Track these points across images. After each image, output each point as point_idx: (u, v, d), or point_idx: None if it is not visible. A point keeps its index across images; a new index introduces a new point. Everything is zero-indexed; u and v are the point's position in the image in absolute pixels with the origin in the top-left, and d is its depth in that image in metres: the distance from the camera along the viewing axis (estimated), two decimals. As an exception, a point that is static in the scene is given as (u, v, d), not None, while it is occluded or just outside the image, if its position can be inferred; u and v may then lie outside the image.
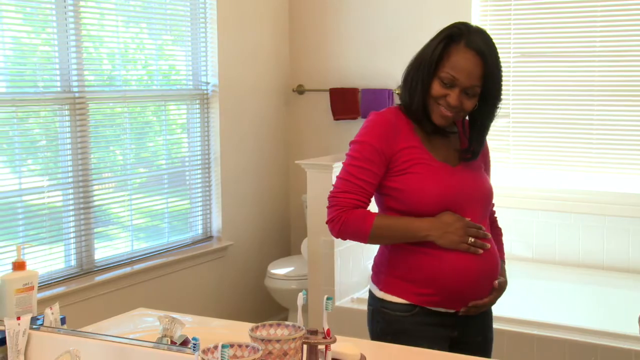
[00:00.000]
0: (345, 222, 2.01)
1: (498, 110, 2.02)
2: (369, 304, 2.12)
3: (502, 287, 2.06)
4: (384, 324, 2.09)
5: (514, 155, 3.81)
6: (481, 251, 1.97)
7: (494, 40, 1.96)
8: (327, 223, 2.05)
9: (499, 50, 1.97)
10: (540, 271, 3.70)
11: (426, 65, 1.96)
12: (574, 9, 3.65)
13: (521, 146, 3.82)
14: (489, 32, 1.99)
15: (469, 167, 2.04)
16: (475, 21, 3.63)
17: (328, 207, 2.05)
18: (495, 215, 2.21)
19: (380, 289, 2.06)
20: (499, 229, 2.20)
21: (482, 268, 1.98)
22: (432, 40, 1.97)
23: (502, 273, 2.09)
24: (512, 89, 3.76)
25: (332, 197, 2.04)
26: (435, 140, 2.03)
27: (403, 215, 2.00)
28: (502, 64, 1.97)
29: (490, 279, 2.01)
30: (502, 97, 2.00)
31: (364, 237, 2.01)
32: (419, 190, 1.98)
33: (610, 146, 3.63)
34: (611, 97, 3.60)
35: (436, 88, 1.94)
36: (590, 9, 3.61)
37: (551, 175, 3.76)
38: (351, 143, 2.06)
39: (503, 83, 1.99)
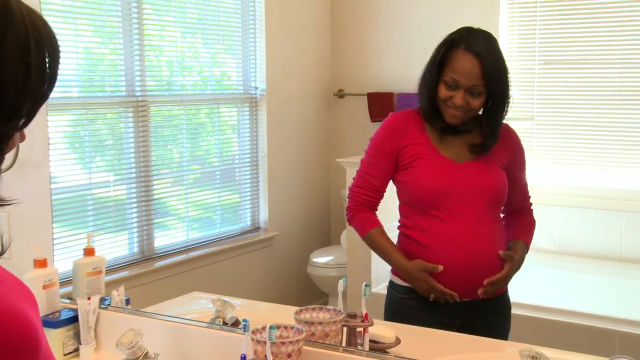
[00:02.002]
0: (352, 217, 2.09)
1: (508, 105, 1.98)
2: None
3: (514, 262, 2.00)
4: (389, 302, 2.11)
5: (537, 155, 3.78)
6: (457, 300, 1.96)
7: (519, 45, 1.94)
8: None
9: (522, 56, 1.95)
10: (561, 262, 3.67)
11: (431, 71, 1.96)
12: (594, 20, 3.61)
13: (545, 147, 3.79)
14: (515, 40, 1.98)
15: (480, 164, 2.00)
16: (502, 30, 3.61)
17: (347, 198, 2.12)
18: (530, 208, 2.15)
19: (391, 271, 2.09)
20: (526, 219, 2.14)
21: (470, 262, 1.95)
22: (436, 48, 1.97)
23: (517, 251, 2.04)
24: (536, 93, 3.73)
25: (350, 190, 2.11)
26: (447, 139, 2.01)
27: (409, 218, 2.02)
28: (524, 69, 1.95)
29: (482, 271, 1.96)
30: (510, 93, 1.97)
31: (361, 237, 2.09)
32: (416, 183, 1.99)
33: (628, 147, 3.59)
34: (629, 101, 3.56)
35: (442, 91, 1.94)
36: (608, 21, 3.57)
37: (572, 173, 3.72)
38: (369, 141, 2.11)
39: (527, 87, 1.97)
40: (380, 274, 2.16)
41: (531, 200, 2.16)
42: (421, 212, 2.00)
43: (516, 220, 2.11)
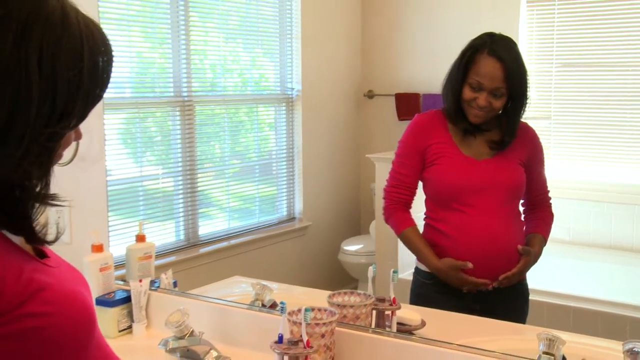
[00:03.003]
0: (389, 217, 2.09)
1: (526, 105, 1.97)
2: None
3: (530, 257, 1.99)
4: (413, 286, 2.12)
5: (554, 152, 3.74)
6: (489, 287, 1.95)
7: (538, 49, 1.94)
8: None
9: (540, 59, 1.94)
10: (576, 252, 3.64)
11: (456, 74, 1.96)
12: (609, 25, 3.56)
13: (561, 144, 3.75)
14: (534, 44, 1.97)
15: (498, 161, 1.99)
16: (522, 35, 3.57)
17: (383, 199, 2.11)
18: (549, 202, 2.12)
19: (417, 258, 2.09)
20: (545, 213, 2.11)
21: (489, 250, 1.94)
22: (461, 52, 1.97)
23: (535, 245, 2.02)
24: (553, 94, 3.69)
25: (385, 190, 2.10)
26: (469, 138, 2.01)
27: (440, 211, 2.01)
28: (542, 72, 1.94)
29: (500, 259, 1.96)
30: (528, 94, 1.96)
31: (397, 235, 2.08)
32: (439, 180, 2.00)
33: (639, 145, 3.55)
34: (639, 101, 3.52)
35: (467, 92, 1.94)
36: (622, 25, 3.52)
37: (587, 169, 3.68)
38: (398, 143, 2.10)
39: (544, 88, 1.96)
40: (406, 261, 2.16)
41: (550, 195, 2.14)
42: (444, 205, 2.01)
43: (535, 214, 2.09)
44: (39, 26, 0.89)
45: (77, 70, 0.94)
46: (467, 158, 1.99)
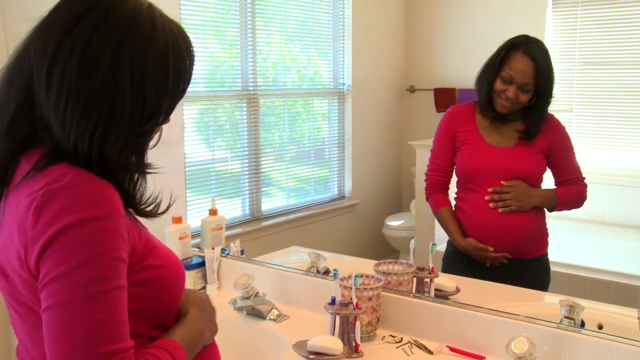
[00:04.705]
0: (428, 197, 2.10)
1: (551, 101, 1.94)
2: None
3: (517, 186, 1.92)
4: (445, 255, 2.10)
5: (575, 140, 3.46)
6: (504, 260, 1.93)
7: (561, 49, 1.90)
8: None
9: (564, 58, 1.91)
10: (593, 229, 3.56)
11: (492, 66, 1.93)
12: (626, 27, 3.46)
13: (582, 134, 3.66)
14: (558, 45, 1.93)
15: (517, 150, 1.95)
16: (547, 36, 3.48)
17: (424, 181, 2.11)
18: (582, 182, 2.07)
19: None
20: (573, 187, 2.04)
21: (499, 226, 1.92)
22: (498, 48, 1.94)
23: (543, 194, 1.97)
24: (575, 89, 3.59)
25: (426, 174, 2.11)
26: (494, 127, 1.98)
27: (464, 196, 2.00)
28: (565, 69, 1.91)
29: (510, 233, 1.92)
30: (554, 92, 1.92)
31: (433, 213, 2.08)
32: (461, 163, 2.00)
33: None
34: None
35: (498, 84, 1.91)
36: (638, 27, 3.41)
37: (605, 156, 3.59)
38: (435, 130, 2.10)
39: (567, 83, 1.93)
40: (442, 235, 2.15)
41: (583, 177, 2.09)
42: (465, 186, 2.01)
43: (564, 187, 2.03)
44: (131, 41, 0.92)
45: (164, 74, 0.96)
46: (488, 145, 1.97)
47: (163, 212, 1.06)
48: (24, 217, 0.88)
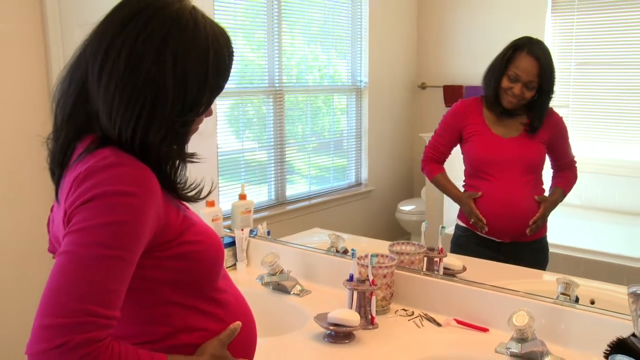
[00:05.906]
0: (423, 167, 2.14)
1: (552, 97, 1.94)
2: None
3: (547, 204, 1.95)
4: (454, 238, 2.10)
5: (571, 133, 3.51)
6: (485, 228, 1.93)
7: (559, 50, 1.91)
8: None
9: (561, 58, 1.91)
10: (586, 214, 3.50)
11: (499, 65, 1.92)
12: (620, 30, 3.38)
13: (577, 127, 3.60)
14: (556, 46, 1.94)
15: (521, 140, 1.95)
16: (547, 38, 3.43)
17: (421, 158, 2.14)
18: (574, 165, 2.11)
19: (457, 216, 2.09)
20: (569, 173, 2.08)
21: (506, 211, 1.92)
22: (504, 49, 1.93)
23: (553, 195, 1.99)
24: (572, 87, 3.54)
25: (425, 148, 2.15)
26: (500, 120, 1.97)
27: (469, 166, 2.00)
28: (563, 69, 1.91)
29: (517, 218, 1.92)
30: (554, 89, 1.92)
31: (429, 180, 2.10)
32: (469, 153, 2.00)
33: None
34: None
35: (505, 82, 1.91)
36: (631, 30, 3.34)
37: (598, 148, 3.53)
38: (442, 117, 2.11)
39: (564, 82, 1.93)
40: (450, 220, 2.15)
41: (575, 160, 2.10)
42: (473, 174, 2.01)
43: (561, 173, 2.06)
44: (174, 39, 0.93)
45: (204, 68, 0.96)
46: (495, 136, 1.97)
47: (204, 198, 1.07)
48: (68, 189, 0.91)
